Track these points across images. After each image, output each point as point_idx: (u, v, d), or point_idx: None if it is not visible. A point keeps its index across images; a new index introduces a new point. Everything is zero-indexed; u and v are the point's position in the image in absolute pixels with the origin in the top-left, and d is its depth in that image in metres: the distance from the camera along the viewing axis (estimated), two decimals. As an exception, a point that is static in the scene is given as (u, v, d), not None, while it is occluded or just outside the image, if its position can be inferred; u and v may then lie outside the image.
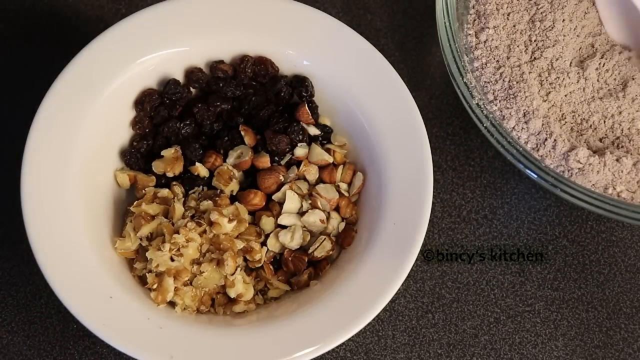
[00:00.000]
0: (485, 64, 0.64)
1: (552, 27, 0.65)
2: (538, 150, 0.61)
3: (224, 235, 0.56)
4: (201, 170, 0.59)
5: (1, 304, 0.62)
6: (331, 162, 0.61)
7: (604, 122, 0.64)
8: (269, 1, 0.61)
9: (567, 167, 0.61)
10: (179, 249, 0.55)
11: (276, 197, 0.59)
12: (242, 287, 0.57)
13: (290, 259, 0.59)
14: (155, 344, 0.52)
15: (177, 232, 0.55)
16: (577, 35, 0.66)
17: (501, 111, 0.62)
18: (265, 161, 0.60)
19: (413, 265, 0.54)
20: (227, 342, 0.53)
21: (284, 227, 0.59)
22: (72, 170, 0.56)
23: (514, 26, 0.66)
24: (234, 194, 0.60)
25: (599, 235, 0.67)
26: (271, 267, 0.59)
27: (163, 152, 0.60)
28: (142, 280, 0.57)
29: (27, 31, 0.70)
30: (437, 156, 0.68)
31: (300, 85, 0.61)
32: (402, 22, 0.73)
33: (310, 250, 0.59)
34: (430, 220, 0.56)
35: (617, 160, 0.61)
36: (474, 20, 0.66)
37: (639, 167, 0.61)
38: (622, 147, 0.63)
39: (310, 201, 0.60)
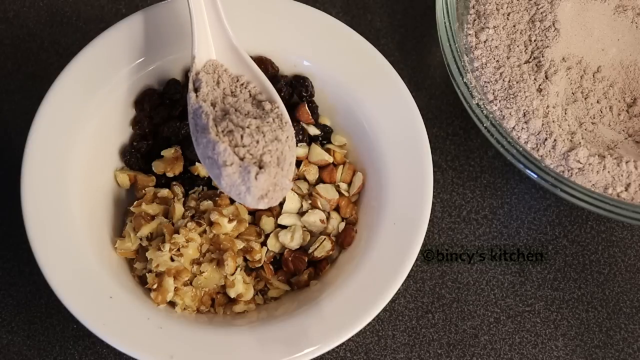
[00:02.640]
0: (485, 64, 0.64)
1: (552, 27, 0.65)
2: (538, 150, 0.61)
3: (224, 235, 0.56)
4: (201, 170, 0.59)
5: (1, 304, 0.62)
6: (331, 162, 0.61)
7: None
8: (269, 1, 0.61)
9: (567, 167, 0.61)
10: (179, 249, 0.55)
11: (276, 197, 0.59)
12: (242, 287, 0.57)
13: (290, 259, 0.59)
14: (155, 344, 0.52)
15: (177, 232, 0.55)
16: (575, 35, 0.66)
17: (501, 111, 0.62)
18: (265, 161, 0.60)
19: (413, 265, 0.54)
20: (227, 342, 0.53)
21: (284, 227, 0.59)
22: (72, 171, 0.56)
23: (514, 26, 0.66)
24: (234, 194, 0.60)
25: (599, 235, 0.67)
26: (271, 267, 0.59)
27: (163, 152, 0.60)
28: (142, 280, 0.57)
29: (27, 31, 0.70)
30: (437, 156, 0.68)
31: (300, 85, 0.61)
32: (402, 22, 0.73)
33: (310, 250, 0.59)
34: (430, 220, 0.56)
35: (617, 160, 0.61)
36: (474, 20, 0.66)
37: (639, 167, 0.61)
38: (622, 147, 0.63)
39: (310, 201, 0.60)
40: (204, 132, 0.50)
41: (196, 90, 0.53)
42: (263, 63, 0.61)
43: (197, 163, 0.60)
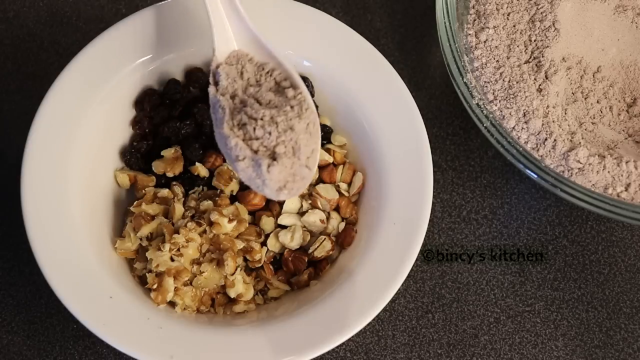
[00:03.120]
0: (485, 64, 0.64)
1: (552, 27, 0.65)
2: (538, 150, 0.61)
3: (224, 235, 0.56)
4: (201, 170, 0.59)
5: (1, 304, 0.62)
6: (331, 162, 0.61)
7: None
8: (269, 1, 0.61)
9: (567, 167, 0.61)
10: (179, 249, 0.55)
11: (276, 197, 0.59)
12: (242, 287, 0.57)
13: (290, 259, 0.59)
14: (155, 344, 0.52)
15: (177, 232, 0.55)
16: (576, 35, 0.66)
17: (501, 111, 0.62)
18: (265, 161, 0.60)
19: (413, 265, 0.55)
20: (227, 342, 0.53)
21: (284, 227, 0.59)
22: (72, 171, 0.56)
23: (514, 26, 0.66)
24: (234, 194, 0.60)
25: (599, 235, 0.67)
26: (271, 267, 0.59)
27: (163, 152, 0.60)
28: (142, 280, 0.57)
29: (27, 31, 0.70)
30: (437, 156, 0.68)
31: (300, 85, 0.61)
32: (402, 22, 0.73)
33: (310, 250, 0.59)
34: (430, 220, 0.56)
35: (617, 160, 0.61)
36: (474, 20, 0.66)
37: (639, 167, 0.61)
38: (622, 147, 0.63)
39: (310, 201, 0.60)
40: (220, 126, 0.50)
41: (216, 83, 0.53)
42: (263, 63, 0.61)
43: (197, 163, 0.60)
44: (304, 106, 0.51)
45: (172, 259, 0.55)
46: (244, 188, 0.60)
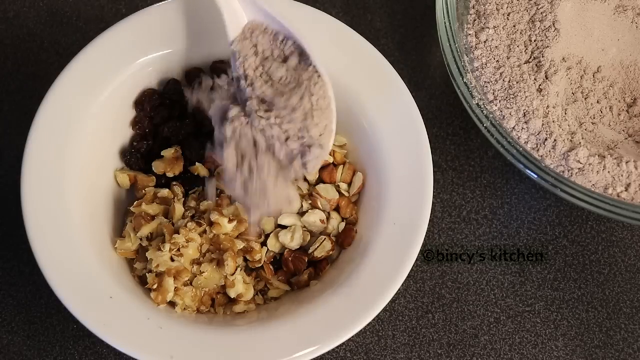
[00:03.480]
0: (485, 64, 0.64)
1: (552, 27, 0.65)
2: (538, 150, 0.61)
3: (224, 235, 0.56)
4: (201, 170, 0.60)
5: (1, 304, 0.62)
6: (331, 162, 0.61)
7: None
8: (268, 1, 0.61)
9: (567, 167, 0.61)
10: (179, 249, 0.55)
11: (276, 197, 0.59)
12: (242, 287, 0.57)
13: (290, 259, 0.59)
14: (155, 344, 0.52)
15: (177, 232, 0.55)
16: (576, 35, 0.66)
17: (501, 111, 0.62)
18: (265, 161, 0.60)
19: (413, 265, 0.54)
20: (227, 342, 0.53)
21: (284, 227, 0.59)
22: (72, 171, 0.56)
23: (514, 26, 0.66)
24: (234, 193, 0.60)
25: (599, 235, 0.67)
26: (271, 267, 0.59)
27: (163, 152, 0.60)
28: (142, 280, 0.57)
29: (27, 31, 0.70)
30: (437, 156, 0.68)
31: (300, 85, 0.61)
32: (402, 22, 0.73)
33: (310, 250, 0.59)
34: (430, 220, 0.56)
35: (617, 160, 0.61)
36: (474, 20, 0.66)
37: (639, 167, 0.61)
38: (622, 147, 0.63)
39: (310, 201, 0.60)
40: (221, 149, 0.53)
41: (234, 96, 0.54)
42: (263, 63, 0.61)
43: (197, 163, 0.60)
44: (312, 81, 0.52)
45: (172, 259, 0.55)
46: (244, 188, 0.60)
